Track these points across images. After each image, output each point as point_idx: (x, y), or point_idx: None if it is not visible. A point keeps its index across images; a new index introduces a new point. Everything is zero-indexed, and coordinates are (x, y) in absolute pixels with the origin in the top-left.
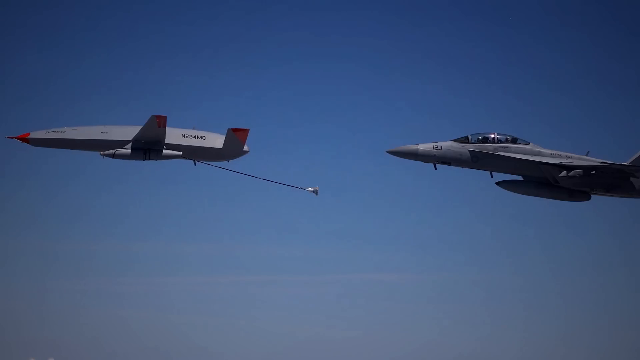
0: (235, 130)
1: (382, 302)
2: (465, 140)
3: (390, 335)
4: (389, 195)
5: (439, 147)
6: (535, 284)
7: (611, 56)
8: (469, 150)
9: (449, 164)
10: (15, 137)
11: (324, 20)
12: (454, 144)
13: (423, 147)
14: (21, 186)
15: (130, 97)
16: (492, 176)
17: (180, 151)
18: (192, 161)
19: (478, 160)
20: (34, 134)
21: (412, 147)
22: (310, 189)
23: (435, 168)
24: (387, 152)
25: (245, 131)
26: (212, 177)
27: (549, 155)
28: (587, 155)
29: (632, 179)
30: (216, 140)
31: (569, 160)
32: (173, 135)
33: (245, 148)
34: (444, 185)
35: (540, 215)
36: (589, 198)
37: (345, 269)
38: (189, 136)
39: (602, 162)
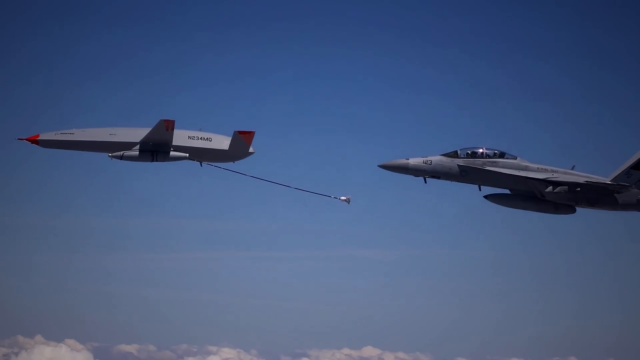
0: (241, 132)
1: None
2: (454, 155)
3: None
4: (384, 202)
5: (429, 162)
6: (522, 291)
7: (598, 69)
8: (458, 165)
9: (438, 177)
10: (25, 139)
11: (330, 26)
12: (444, 158)
13: (413, 161)
14: (30, 185)
15: (138, 99)
16: (480, 189)
17: (187, 153)
18: (198, 162)
19: (467, 175)
20: (44, 136)
21: (402, 161)
22: (342, 198)
23: (425, 182)
24: (379, 166)
25: (250, 134)
26: (218, 176)
27: (535, 170)
28: (572, 169)
29: (615, 194)
30: (222, 142)
31: (555, 175)
32: (180, 137)
33: (251, 149)
34: (434, 198)
35: (527, 227)
36: (574, 211)
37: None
38: (196, 138)
39: (587, 181)
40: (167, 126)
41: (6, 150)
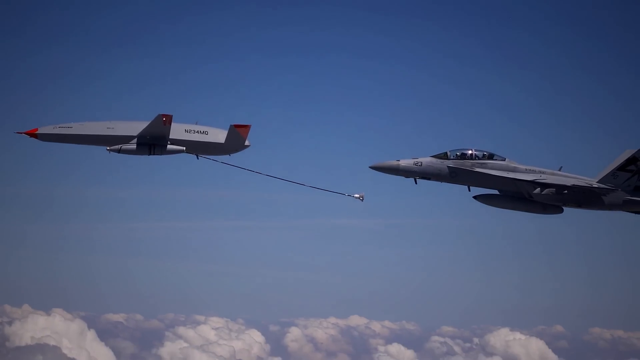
0: (237, 126)
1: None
2: (444, 156)
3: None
4: (377, 197)
5: (419, 163)
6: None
7: (586, 70)
8: (448, 166)
9: (428, 179)
10: (24, 132)
11: (325, 21)
12: (434, 160)
13: (404, 162)
14: (30, 178)
15: (137, 92)
16: (469, 190)
17: (184, 146)
18: (195, 155)
19: (456, 176)
20: (42, 129)
21: (393, 162)
22: (356, 195)
23: (416, 183)
24: (370, 167)
25: (247, 127)
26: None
27: (523, 171)
28: (559, 170)
29: (602, 196)
30: (218, 135)
31: (543, 176)
32: (177, 130)
33: (247, 143)
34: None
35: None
36: (561, 211)
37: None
38: (192, 131)
39: (574, 184)
40: (165, 121)
41: (5, 144)
